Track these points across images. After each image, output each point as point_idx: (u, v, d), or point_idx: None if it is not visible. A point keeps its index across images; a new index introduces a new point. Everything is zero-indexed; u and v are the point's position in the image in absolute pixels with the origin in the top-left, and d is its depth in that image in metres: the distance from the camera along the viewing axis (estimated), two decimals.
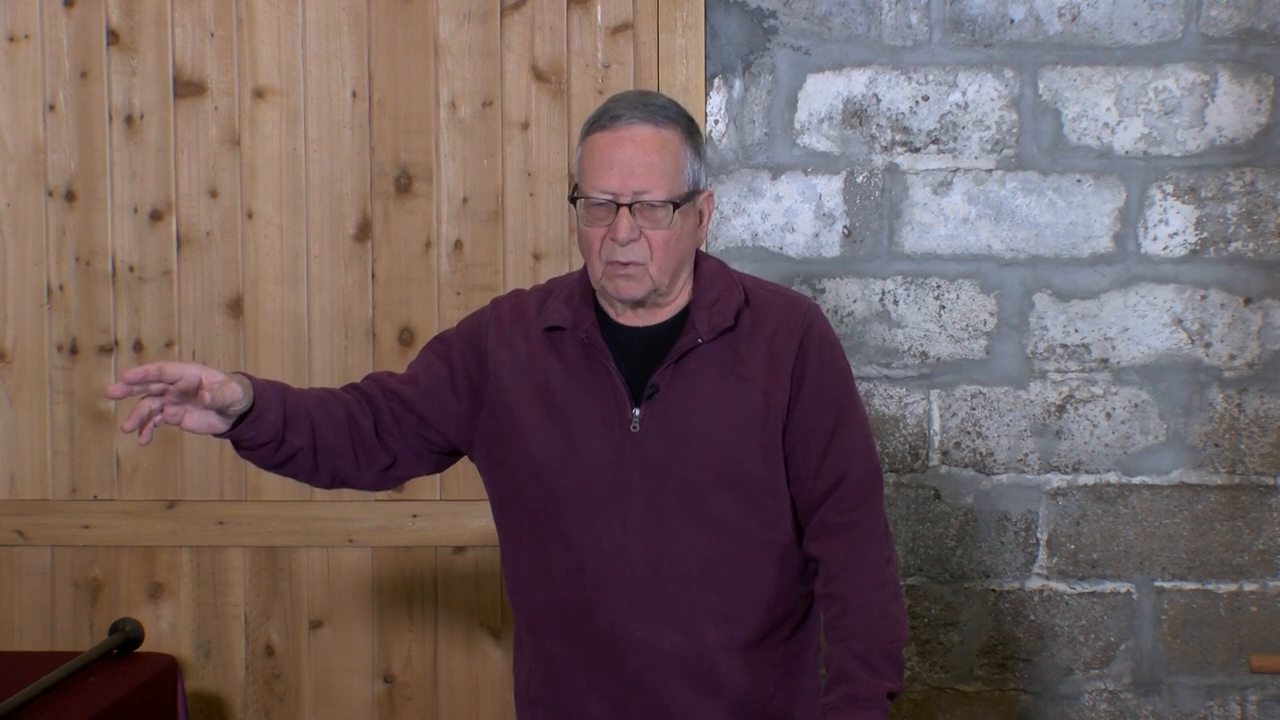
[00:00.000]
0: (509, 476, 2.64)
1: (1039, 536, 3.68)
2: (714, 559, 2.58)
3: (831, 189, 3.66)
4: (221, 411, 2.44)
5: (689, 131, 2.56)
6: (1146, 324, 3.64)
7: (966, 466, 3.68)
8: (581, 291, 2.64)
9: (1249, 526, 3.65)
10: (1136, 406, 3.65)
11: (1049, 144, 3.62)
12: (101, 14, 3.70)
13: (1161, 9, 3.59)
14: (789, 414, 2.59)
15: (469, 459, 2.72)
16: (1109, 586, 3.68)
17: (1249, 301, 3.62)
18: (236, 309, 3.72)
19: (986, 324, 3.65)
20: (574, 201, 2.57)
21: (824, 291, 3.66)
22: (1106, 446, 3.65)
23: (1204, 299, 3.63)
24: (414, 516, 3.71)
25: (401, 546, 3.73)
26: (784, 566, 2.63)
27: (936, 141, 3.64)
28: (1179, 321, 3.63)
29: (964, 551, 3.69)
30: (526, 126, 3.66)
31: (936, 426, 3.67)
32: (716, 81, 3.65)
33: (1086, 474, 3.66)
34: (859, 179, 3.65)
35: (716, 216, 3.64)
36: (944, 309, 3.65)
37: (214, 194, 3.71)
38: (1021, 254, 3.64)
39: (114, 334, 3.74)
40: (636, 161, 2.50)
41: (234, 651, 3.78)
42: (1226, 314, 3.62)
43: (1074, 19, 3.60)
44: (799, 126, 3.65)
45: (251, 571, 3.76)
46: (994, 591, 3.69)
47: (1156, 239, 3.63)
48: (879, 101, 3.64)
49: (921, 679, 3.70)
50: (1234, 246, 3.62)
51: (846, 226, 3.66)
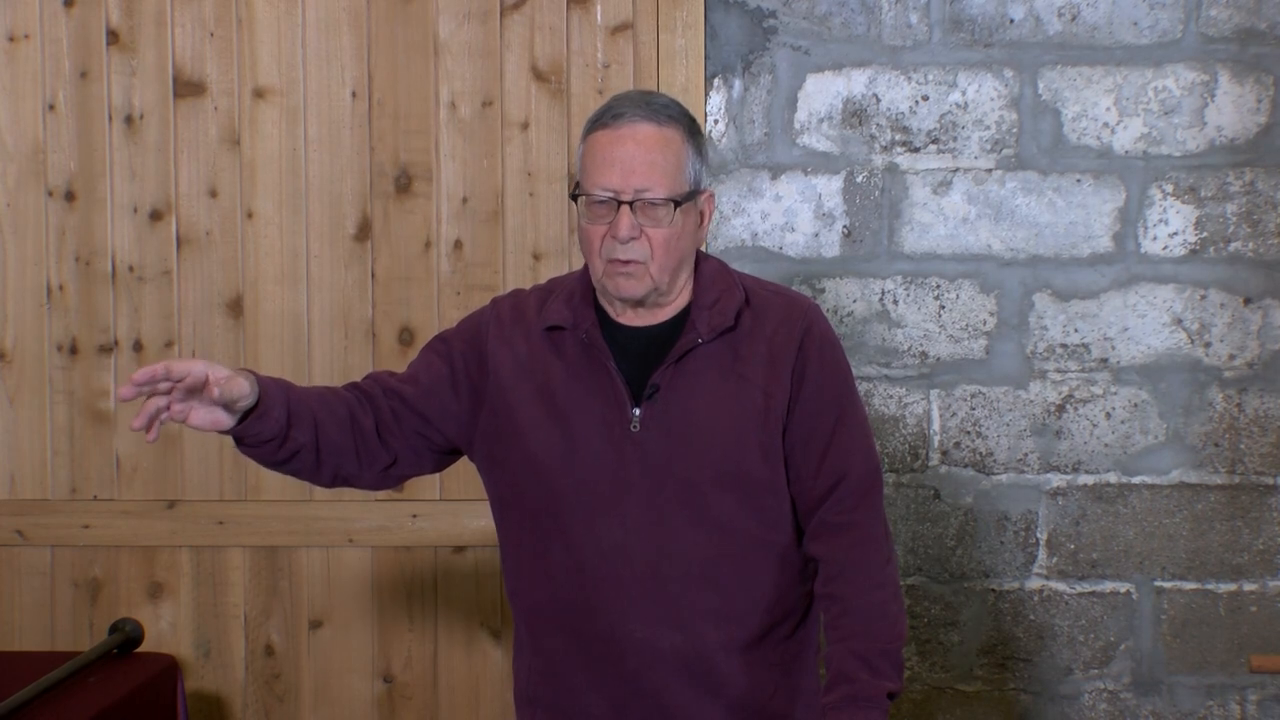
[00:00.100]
0: (509, 476, 2.64)
1: (1039, 536, 3.68)
2: (714, 559, 2.58)
3: (831, 189, 3.66)
4: (227, 407, 2.45)
5: (691, 131, 2.57)
6: (1146, 324, 3.64)
7: (966, 466, 3.68)
8: (582, 291, 2.64)
9: (1249, 526, 3.65)
10: (1136, 406, 3.65)
11: (1049, 144, 3.62)
12: (101, 14, 3.70)
13: (1161, 9, 3.59)
14: (789, 414, 2.59)
15: (469, 459, 2.72)
16: (1109, 586, 3.68)
17: (1249, 301, 3.62)
18: (236, 309, 3.71)
19: (986, 324, 3.65)
20: (575, 199, 2.57)
21: (824, 291, 3.66)
22: (1106, 446, 3.65)
23: (1204, 299, 3.63)
24: (414, 516, 3.71)
25: (401, 546, 3.72)
26: (784, 566, 2.63)
27: (936, 141, 3.64)
28: (1179, 321, 3.63)
29: (964, 551, 3.69)
30: (526, 126, 3.66)
31: (936, 426, 3.67)
32: (716, 81, 3.65)
33: (1086, 474, 3.66)
34: (859, 179, 3.65)
35: (716, 216, 3.64)
36: (944, 309, 3.65)
37: (214, 194, 3.71)
38: (1021, 254, 3.64)
39: (114, 334, 3.73)
40: (638, 159, 2.50)
41: (234, 651, 3.78)
42: (1226, 314, 3.63)
43: (1074, 19, 3.60)
44: (799, 126, 3.65)
45: (251, 571, 3.75)
46: (994, 591, 3.69)
47: (1156, 239, 3.63)
48: (879, 101, 3.64)
49: (921, 679, 3.70)
50: (1234, 246, 3.62)
51: (846, 226, 3.66)
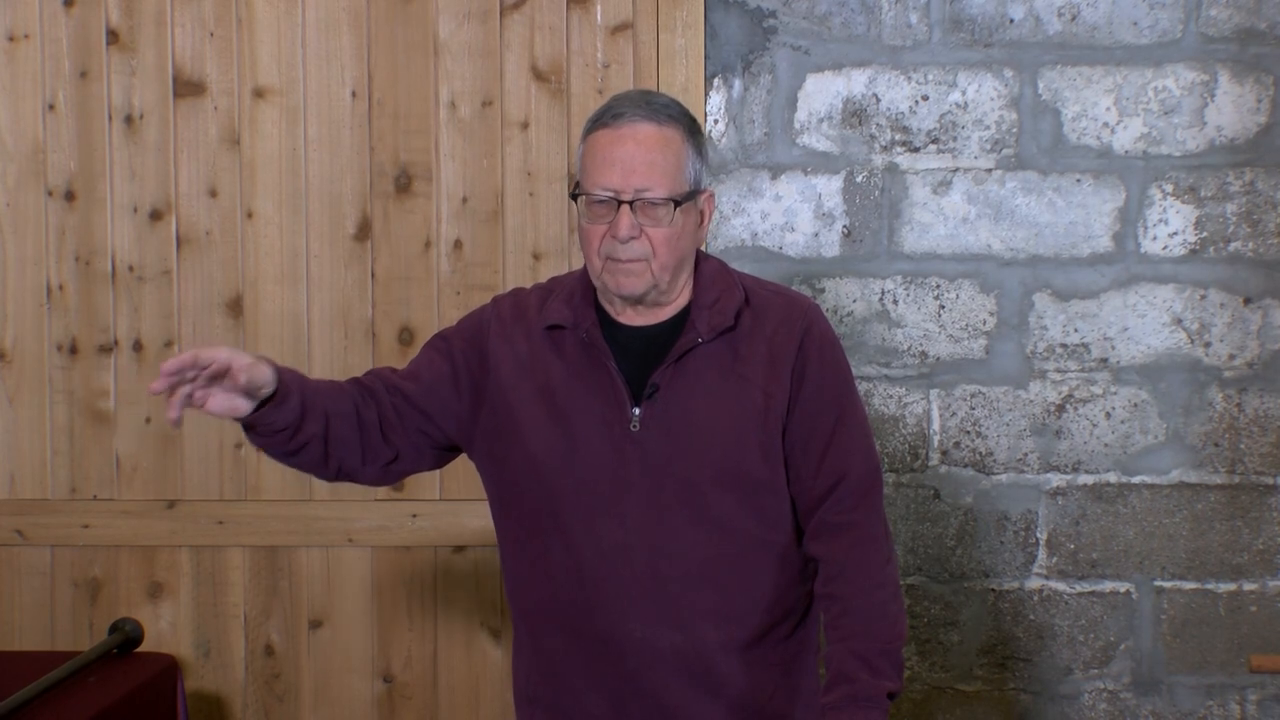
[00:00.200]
0: (508, 475, 2.64)
1: (1038, 536, 3.68)
2: (713, 558, 2.58)
3: (831, 189, 3.66)
4: (248, 394, 2.44)
5: (691, 131, 2.56)
6: (1146, 324, 3.64)
7: (966, 466, 3.68)
8: (582, 290, 2.64)
9: (1249, 526, 3.65)
10: (1136, 406, 3.65)
11: (1049, 144, 3.62)
12: (101, 14, 3.70)
13: (1161, 9, 3.59)
14: (789, 414, 2.59)
15: (468, 457, 2.72)
16: (1108, 586, 3.68)
17: (1249, 301, 3.62)
18: (236, 309, 3.71)
19: (986, 324, 3.65)
20: (575, 199, 2.57)
21: (824, 291, 3.66)
22: (1106, 446, 3.65)
23: (1204, 299, 3.63)
24: (414, 516, 3.71)
25: (401, 546, 3.72)
26: (784, 566, 2.63)
27: (936, 141, 3.64)
28: (1179, 321, 3.63)
29: (964, 551, 3.69)
30: (526, 126, 3.66)
31: (936, 426, 3.67)
32: (716, 81, 3.65)
33: (1086, 474, 3.66)
34: (859, 179, 3.65)
35: (716, 216, 3.64)
36: (944, 309, 3.65)
37: (214, 194, 3.71)
38: (1021, 254, 3.64)
39: (114, 334, 3.73)
40: (638, 159, 2.50)
41: (234, 651, 3.78)
42: (1226, 314, 3.62)
43: (1074, 19, 3.60)
44: (799, 126, 3.65)
45: (251, 571, 3.75)
46: (994, 591, 3.69)
47: (1156, 239, 3.63)
48: (879, 101, 3.64)
49: (921, 679, 3.70)
50: (1234, 246, 3.62)
51: (846, 226, 3.66)
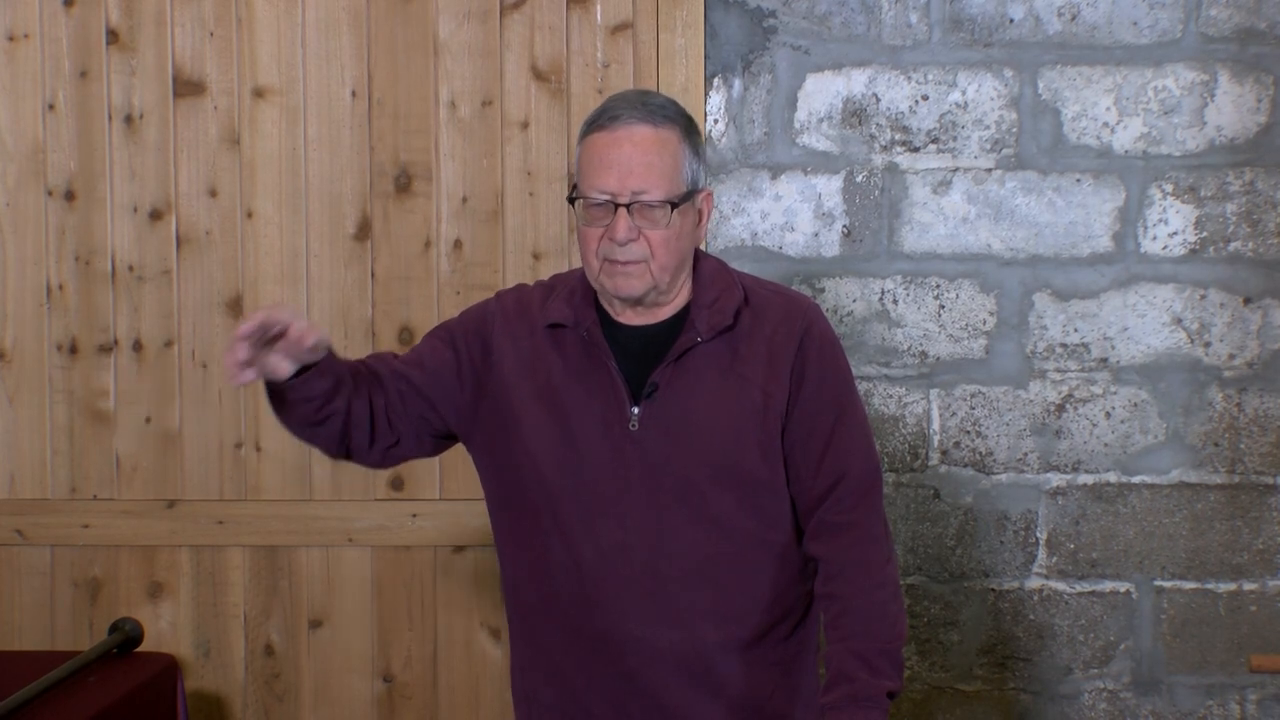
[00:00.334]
0: (508, 473, 2.64)
1: (1038, 536, 3.67)
2: (713, 557, 2.58)
3: (831, 188, 3.66)
4: (298, 358, 2.43)
5: (688, 131, 2.56)
6: (1146, 323, 3.63)
7: (966, 466, 3.68)
8: (583, 290, 2.64)
9: (1248, 526, 3.65)
10: (1136, 406, 3.65)
11: (1048, 143, 3.62)
12: (101, 13, 3.70)
13: (1161, 9, 3.59)
14: (788, 413, 2.59)
15: (466, 450, 2.72)
16: (1108, 586, 3.68)
17: (1248, 301, 3.62)
18: (236, 308, 3.71)
19: (986, 323, 3.65)
20: (573, 202, 2.57)
21: (823, 291, 3.66)
22: (1106, 446, 3.65)
23: (1204, 299, 3.62)
24: (414, 516, 3.71)
25: (401, 546, 3.72)
26: (783, 566, 2.62)
27: (936, 141, 3.63)
28: (1178, 321, 3.63)
29: (963, 551, 3.69)
30: (526, 126, 3.66)
31: (936, 426, 3.67)
32: (716, 81, 3.65)
33: (1086, 473, 3.66)
34: (858, 178, 3.65)
35: (716, 216, 3.64)
36: (943, 308, 3.65)
37: (214, 193, 3.71)
38: (1021, 253, 3.64)
39: (113, 333, 3.73)
40: (635, 161, 2.50)
41: (234, 651, 3.78)
42: (1226, 314, 3.62)
43: (1074, 18, 3.60)
44: (798, 126, 3.65)
45: (251, 571, 3.75)
46: (993, 591, 3.69)
47: (1156, 238, 3.63)
48: (878, 101, 3.63)
49: (921, 678, 3.70)
50: (1234, 246, 3.62)
51: (846, 226, 3.66)
